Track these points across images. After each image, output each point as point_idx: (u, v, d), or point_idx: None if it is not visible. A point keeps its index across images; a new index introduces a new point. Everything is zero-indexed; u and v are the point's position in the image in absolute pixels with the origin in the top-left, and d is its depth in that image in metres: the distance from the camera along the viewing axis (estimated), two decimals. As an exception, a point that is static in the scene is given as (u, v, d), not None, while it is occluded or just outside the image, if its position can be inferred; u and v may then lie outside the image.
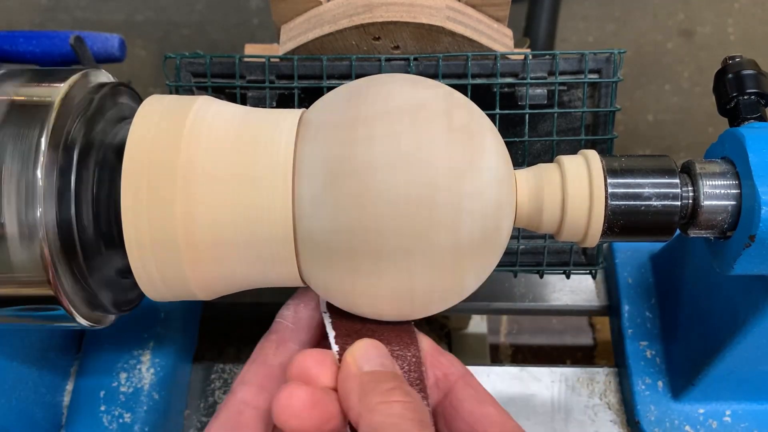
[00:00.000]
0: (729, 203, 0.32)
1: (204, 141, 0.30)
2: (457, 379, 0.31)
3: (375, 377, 0.28)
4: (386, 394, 0.27)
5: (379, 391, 0.27)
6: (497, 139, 0.31)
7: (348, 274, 0.29)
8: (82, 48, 0.53)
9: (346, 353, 0.29)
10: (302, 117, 0.31)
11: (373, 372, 0.28)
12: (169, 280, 0.30)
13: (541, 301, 0.53)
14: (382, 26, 0.38)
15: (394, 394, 0.27)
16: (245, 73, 0.40)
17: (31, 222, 0.28)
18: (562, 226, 0.32)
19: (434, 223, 0.28)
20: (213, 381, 0.50)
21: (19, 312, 0.31)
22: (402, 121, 0.28)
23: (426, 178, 0.28)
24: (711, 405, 0.44)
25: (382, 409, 0.27)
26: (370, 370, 0.28)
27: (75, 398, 0.44)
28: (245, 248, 0.30)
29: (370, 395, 0.27)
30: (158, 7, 1.02)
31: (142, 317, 0.47)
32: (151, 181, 0.29)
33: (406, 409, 0.27)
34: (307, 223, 0.29)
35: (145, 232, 0.29)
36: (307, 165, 0.29)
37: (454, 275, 0.29)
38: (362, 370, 0.28)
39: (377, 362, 0.29)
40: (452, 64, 0.39)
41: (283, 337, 0.32)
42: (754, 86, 0.37)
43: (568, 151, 0.41)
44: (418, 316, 0.32)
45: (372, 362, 0.29)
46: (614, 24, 1.03)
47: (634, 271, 0.50)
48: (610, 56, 0.39)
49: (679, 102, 0.98)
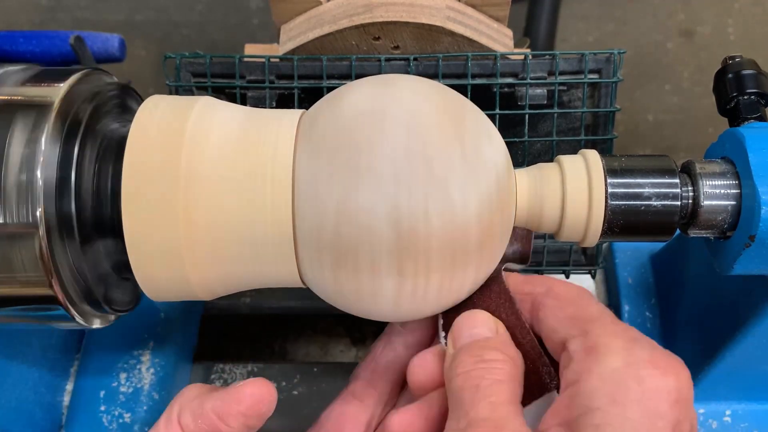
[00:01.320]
0: (729, 203, 0.32)
1: (205, 141, 0.30)
2: (540, 299, 0.31)
3: (457, 354, 0.30)
4: (455, 368, 0.29)
5: (451, 368, 0.30)
6: (497, 139, 0.31)
7: (348, 274, 0.29)
8: (82, 48, 0.53)
9: (449, 334, 0.31)
10: (302, 117, 0.31)
11: (459, 348, 0.30)
12: (170, 280, 0.30)
13: (541, 301, 0.53)
14: (382, 26, 0.38)
15: (460, 366, 0.29)
16: (245, 73, 0.40)
17: (31, 222, 0.28)
18: (562, 226, 0.32)
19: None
20: (213, 381, 0.50)
21: (19, 312, 0.31)
22: (397, 125, 0.28)
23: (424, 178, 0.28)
24: (711, 405, 0.44)
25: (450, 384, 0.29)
26: (459, 346, 0.30)
27: (75, 398, 0.45)
28: (245, 248, 0.30)
29: (448, 373, 0.30)
30: (158, 7, 1.02)
31: (142, 317, 0.47)
32: (152, 181, 0.29)
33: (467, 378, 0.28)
34: (307, 220, 0.29)
35: (146, 232, 0.29)
36: (307, 163, 0.29)
37: (454, 275, 0.29)
38: (455, 348, 0.30)
39: (467, 335, 0.30)
40: (452, 64, 0.39)
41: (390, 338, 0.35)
42: (754, 86, 0.37)
43: (568, 151, 0.41)
44: (415, 317, 0.32)
45: (462, 337, 0.30)
46: (614, 24, 1.03)
47: (634, 271, 0.50)
48: (610, 56, 0.39)
49: (679, 102, 0.98)
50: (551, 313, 0.30)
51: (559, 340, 0.29)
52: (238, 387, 0.31)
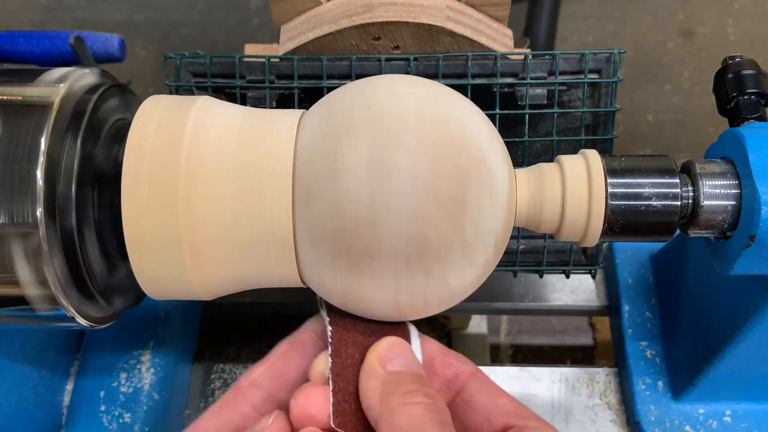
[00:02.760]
0: (729, 203, 0.32)
1: (205, 140, 0.30)
2: (468, 377, 0.31)
3: (397, 378, 0.28)
4: (407, 395, 0.27)
5: (400, 393, 0.27)
6: (497, 139, 0.31)
7: (347, 274, 0.29)
8: (82, 48, 0.53)
9: (370, 351, 0.30)
10: (302, 118, 0.31)
11: (395, 372, 0.29)
12: (170, 280, 0.30)
13: (541, 301, 0.53)
14: (382, 26, 0.38)
15: (416, 395, 0.27)
16: (245, 73, 0.40)
17: (31, 222, 0.28)
18: (562, 226, 0.32)
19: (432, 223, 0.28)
20: (213, 381, 0.50)
21: (19, 312, 0.31)
22: (394, 126, 0.28)
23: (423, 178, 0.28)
24: (711, 405, 0.44)
25: (402, 410, 0.27)
26: (393, 370, 0.29)
27: (75, 398, 0.44)
28: (246, 248, 0.30)
29: (392, 396, 0.27)
30: (158, 7, 1.02)
31: (142, 317, 0.47)
32: (152, 181, 0.29)
33: (428, 410, 0.27)
34: (307, 223, 0.29)
35: (146, 231, 0.29)
36: (306, 165, 0.29)
37: (453, 280, 0.29)
38: (386, 369, 0.29)
39: (401, 362, 0.29)
40: (452, 64, 0.39)
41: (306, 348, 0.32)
42: (754, 86, 0.37)
43: (568, 151, 0.41)
44: (417, 317, 0.32)
45: (396, 362, 0.29)
46: (614, 24, 1.03)
47: (634, 271, 0.50)
48: (610, 56, 0.39)
49: (679, 102, 0.98)
50: (486, 395, 0.30)
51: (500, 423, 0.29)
52: None
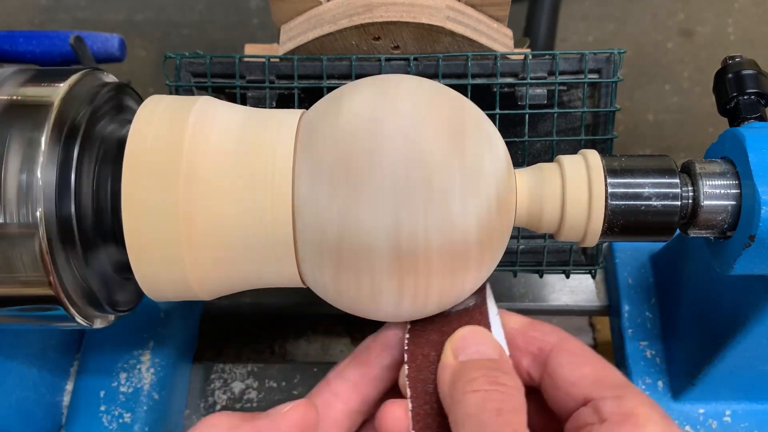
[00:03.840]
0: (729, 203, 0.32)
1: (205, 142, 0.30)
2: (552, 348, 0.31)
3: (464, 367, 0.29)
4: (467, 384, 0.28)
5: (462, 381, 0.28)
6: (498, 145, 0.31)
7: (349, 278, 0.29)
8: (82, 48, 0.53)
9: (446, 343, 0.30)
10: (302, 118, 0.31)
11: (464, 362, 0.29)
12: (170, 280, 0.30)
13: (541, 301, 0.53)
14: (382, 26, 0.38)
15: (475, 383, 0.27)
16: (245, 73, 0.40)
17: (31, 221, 0.28)
18: (562, 226, 0.32)
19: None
20: (213, 381, 0.50)
21: (19, 312, 0.31)
22: (397, 136, 0.28)
23: (423, 178, 0.28)
24: (711, 405, 0.44)
25: (463, 399, 0.27)
26: (464, 359, 0.29)
27: (75, 398, 0.44)
28: (246, 249, 0.30)
29: (457, 386, 0.28)
30: (158, 7, 1.02)
31: (142, 317, 0.47)
32: (152, 181, 0.29)
33: (485, 399, 0.27)
34: (307, 223, 0.29)
35: (146, 232, 0.29)
36: (307, 165, 0.29)
37: (455, 279, 0.29)
38: (458, 359, 0.29)
39: (474, 350, 0.29)
40: (452, 64, 0.39)
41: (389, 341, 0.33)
42: (754, 86, 0.37)
43: (568, 151, 0.41)
44: (417, 317, 0.32)
45: (469, 350, 0.29)
46: (614, 24, 1.03)
47: (634, 271, 0.50)
48: (610, 56, 0.39)
49: (679, 102, 0.98)
50: (568, 367, 0.30)
51: (581, 396, 0.29)
52: (279, 416, 0.29)
